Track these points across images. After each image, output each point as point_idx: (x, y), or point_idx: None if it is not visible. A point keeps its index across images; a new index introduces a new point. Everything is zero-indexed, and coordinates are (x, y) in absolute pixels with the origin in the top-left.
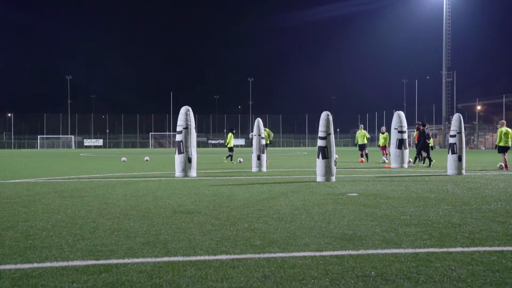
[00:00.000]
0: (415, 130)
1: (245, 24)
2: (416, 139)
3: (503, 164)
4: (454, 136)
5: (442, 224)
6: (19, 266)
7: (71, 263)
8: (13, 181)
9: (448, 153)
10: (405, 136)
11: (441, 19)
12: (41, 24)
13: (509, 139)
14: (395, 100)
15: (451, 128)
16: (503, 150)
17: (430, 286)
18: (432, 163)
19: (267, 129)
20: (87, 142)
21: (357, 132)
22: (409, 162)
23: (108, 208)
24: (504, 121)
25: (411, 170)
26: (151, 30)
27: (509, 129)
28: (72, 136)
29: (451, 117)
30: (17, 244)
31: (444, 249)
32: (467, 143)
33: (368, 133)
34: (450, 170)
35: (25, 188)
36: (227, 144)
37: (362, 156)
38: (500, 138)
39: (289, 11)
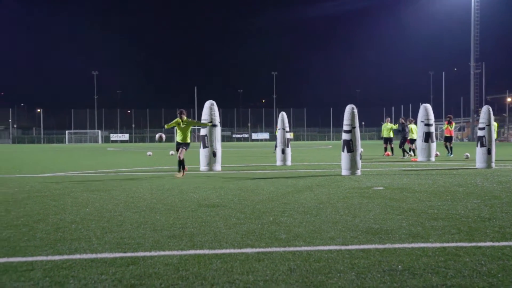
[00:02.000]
0: (445, 123)
1: (269, 17)
2: (446, 132)
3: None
4: (483, 128)
5: (471, 218)
6: (50, 257)
7: (99, 255)
8: (43, 175)
9: (477, 146)
10: (432, 129)
11: (469, 8)
12: (69, 22)
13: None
14: (421, 92)
15: (480, 121)
16: None
17: (459, 281)
18: (408, 155)
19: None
20: (113, 136)
21: (383, 125)
22: (437, 155)
23: (135, 202)
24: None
25: (438, 163)
26: (175, 26)
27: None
28: (99, 131)
29: (479, 109)
30: (48, 237)
31: (474, 244)
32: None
33: (395, 125)
34: (479, 163)
35: (54, 182)
36: None
37: (386, 149)
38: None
39: (313, 3)
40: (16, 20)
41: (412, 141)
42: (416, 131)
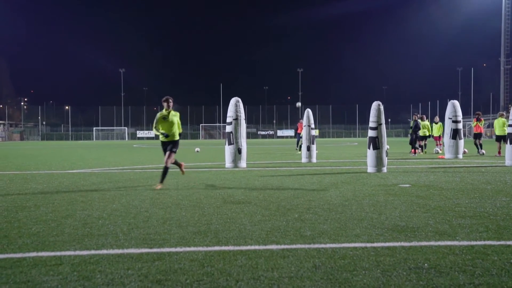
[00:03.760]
0: (474, 120)
1: (295, 15)
2: (475, 129)
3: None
4: None
5: (500, 216)
6: (78, 252)
7: (126, 250)
8: (71, 171)
9: (507, 143)
10: (460, 126)
11: (499, 2)
12: (96, 21)
13: (505, 128)
14: (449, 89)
15: (510, 117)
16: (501, 139)
17: (487, 279)
18: (421, 152)
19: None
20: (139, 133)
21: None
22: (465, 152)
23: (161, 198)
24: (502, 112)
25: (466, 160)
26: (200, 23)
27: (505, 120)
28: (126, 128)
29: (509, 105)
30: (75, 232)
31: (502, 242)
32: None
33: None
34: (509, 160)
35: (82, 178)
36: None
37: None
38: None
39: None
40: (45, 20)
41: (422, 138)
42: (428, 128)
